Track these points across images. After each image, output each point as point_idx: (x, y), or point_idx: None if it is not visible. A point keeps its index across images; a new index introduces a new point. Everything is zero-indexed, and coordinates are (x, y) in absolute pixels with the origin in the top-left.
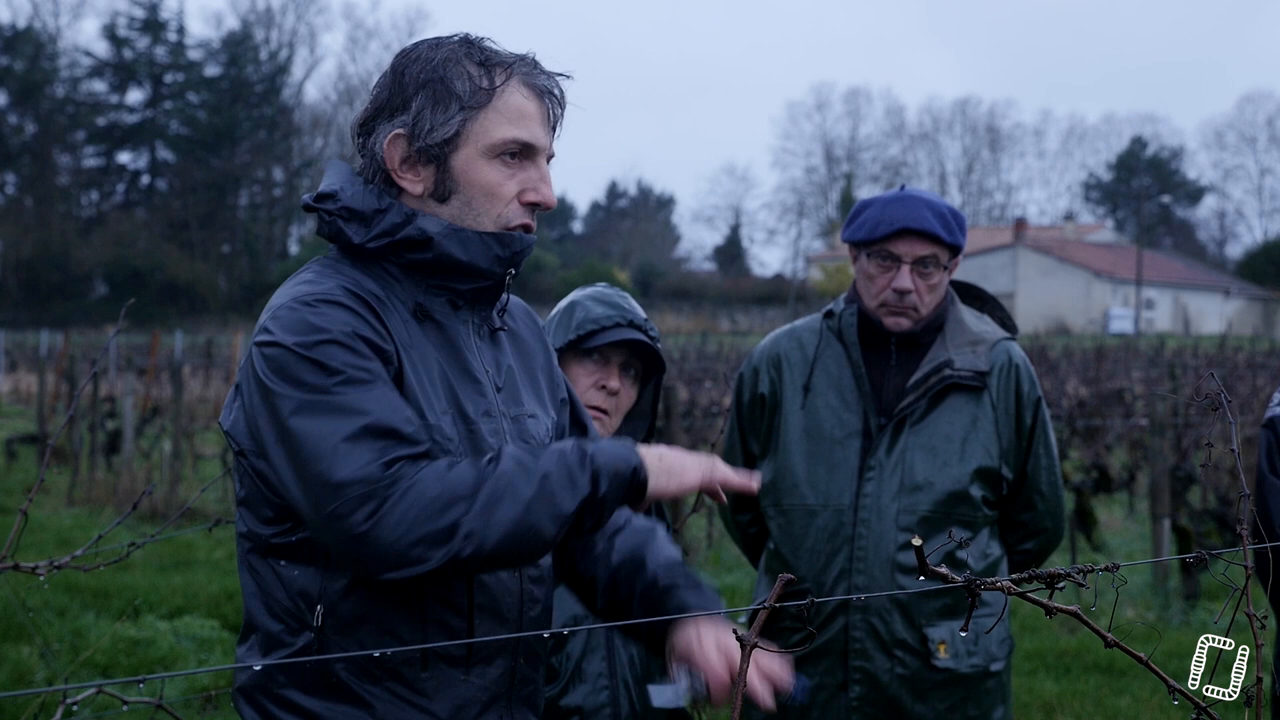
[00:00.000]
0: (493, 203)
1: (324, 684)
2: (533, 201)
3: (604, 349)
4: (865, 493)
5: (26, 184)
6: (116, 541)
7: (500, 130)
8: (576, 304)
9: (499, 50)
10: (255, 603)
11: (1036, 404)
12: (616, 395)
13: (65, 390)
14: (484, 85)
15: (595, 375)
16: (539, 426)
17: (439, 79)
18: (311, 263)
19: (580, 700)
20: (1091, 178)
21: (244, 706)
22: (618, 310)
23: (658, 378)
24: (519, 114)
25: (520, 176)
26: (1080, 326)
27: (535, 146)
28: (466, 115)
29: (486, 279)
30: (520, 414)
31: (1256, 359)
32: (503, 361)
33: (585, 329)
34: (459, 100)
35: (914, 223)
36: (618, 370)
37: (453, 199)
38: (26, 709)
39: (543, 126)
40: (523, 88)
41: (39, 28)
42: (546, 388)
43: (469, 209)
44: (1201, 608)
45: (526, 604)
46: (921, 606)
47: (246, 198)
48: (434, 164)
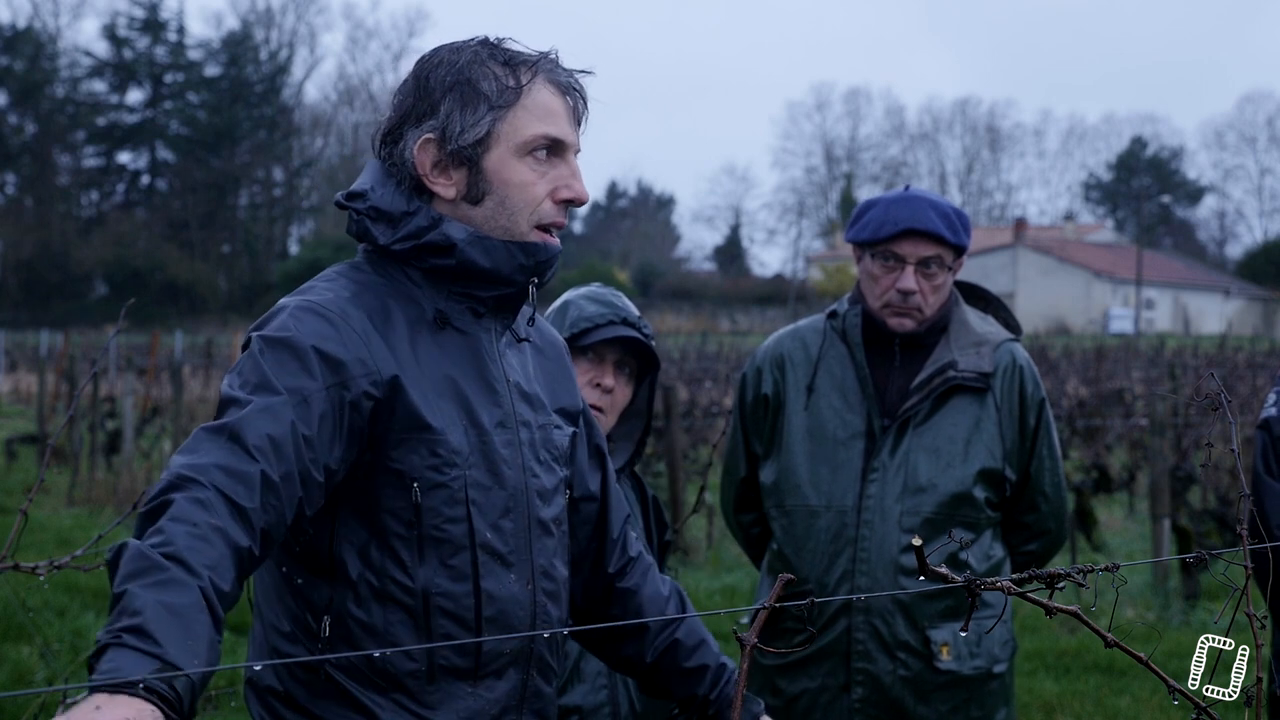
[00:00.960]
0: (527, 201)
1: (331, 692)
2: (566, 199)
3: (598, 347)
4: (869, 494)
5: (26, 184)
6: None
7: (530, 128)
8: (570, 303)
9: (521, 49)
10: (265, 606)
11: (1040, 405)
12: (611, 393)
13: (65, 390)
14: (511, 84)
15: (590, 373)
16: (563, 437)
17: (465, 80)
18: (331, 268)
19: (579, 699)
20: (1091, 178)
21: (254, 704)
22: (611, 308)
23: (653, 375)
24: (547, 111)
25: (552, 174)
26: (1080, 326)
27: (564, 142)
28: (496, 115)
29: (509, 287)
30: (547, 423)
31: (1256, 359)
32: (529, 371)
33: (579, 327)
34: (487, 100)
35: (918, 223)
36: (612, 368)
37: (486, 200)
38: (26, 709)
39: (570, 122)
40: (548, 85)
41: (39, 28)
42: (568, 406)
43: (503, 209)
44: (1201, 608)
45: (539, 618)
46: (924, 608)
47: (246, 198)
48: (466, 166)
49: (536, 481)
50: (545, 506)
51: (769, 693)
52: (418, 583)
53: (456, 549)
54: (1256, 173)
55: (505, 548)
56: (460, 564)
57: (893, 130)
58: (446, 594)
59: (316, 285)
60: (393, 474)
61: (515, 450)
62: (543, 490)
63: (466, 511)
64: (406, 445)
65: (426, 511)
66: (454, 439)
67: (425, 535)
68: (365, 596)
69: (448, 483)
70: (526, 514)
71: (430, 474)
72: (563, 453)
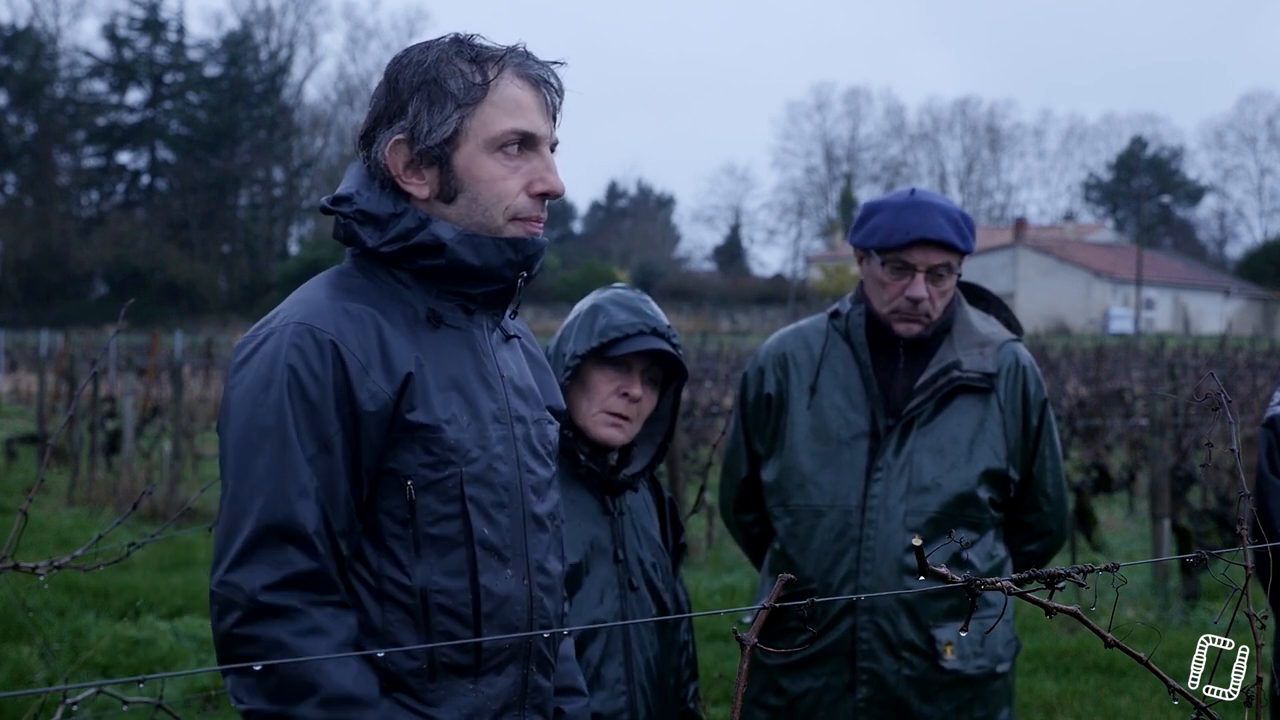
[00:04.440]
0: (500, 197)
1: None
2: (541, 192)
3: (627, 356)
4: (873, 494)
5: (26, 184)
6: (116, 541)
7: (498, 123)
8: (599, 308)
9: (489, 45)
10: None
11: (1043, 406)
12: (638, 403)
13: (65, 390)
14: (477, 81)
15: (617, 382)
16: (555, 432)
17: (432, 80)
18: (321, 276)
19: (598, 706)
20: (1091, 178)
21: None
22: (641, 317)
23: (678, 383)
24: (515, 105)
25: (525, 168)
26: (1080, 326)
27: (536, 136)
28: (463, 112)
29: (499, 283)
30: (540, 418)
31: (1256, 359)
32: (522, 366)
33: (609, 336)
34: (454, 99)
35: (930, 233)
36: (640, 377)
37: (459, 198)
38: (26, 709)
39: (541, 115)
40: (516, 79)
41: (39, 28)
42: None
43: (476, 205)
44: (1201, 608)
45: (536, 613)
46: (928, 608)
47: (246, 198)
48: (437, 165)
49: (531, 477)
50: (539, 501)
51: (773, 692)
52: (415, 581)
53: (453, 546)
54: (1256, 173)
55: (501, 544)
56: (457, 561)
57: (893, 130)
58: (445, 591)
59: (311, 298)
60: (387, 473)
61: (510, 445)
62: (537, 485)
63: (463, 508)
64: (401, 444)
65: (422, 510)
66: (451, 436)
67: (421, 533)
68: (364, 596)
69: (443, 480)
70: (522, 509)
71: (425, 472)
72: (555, 448)
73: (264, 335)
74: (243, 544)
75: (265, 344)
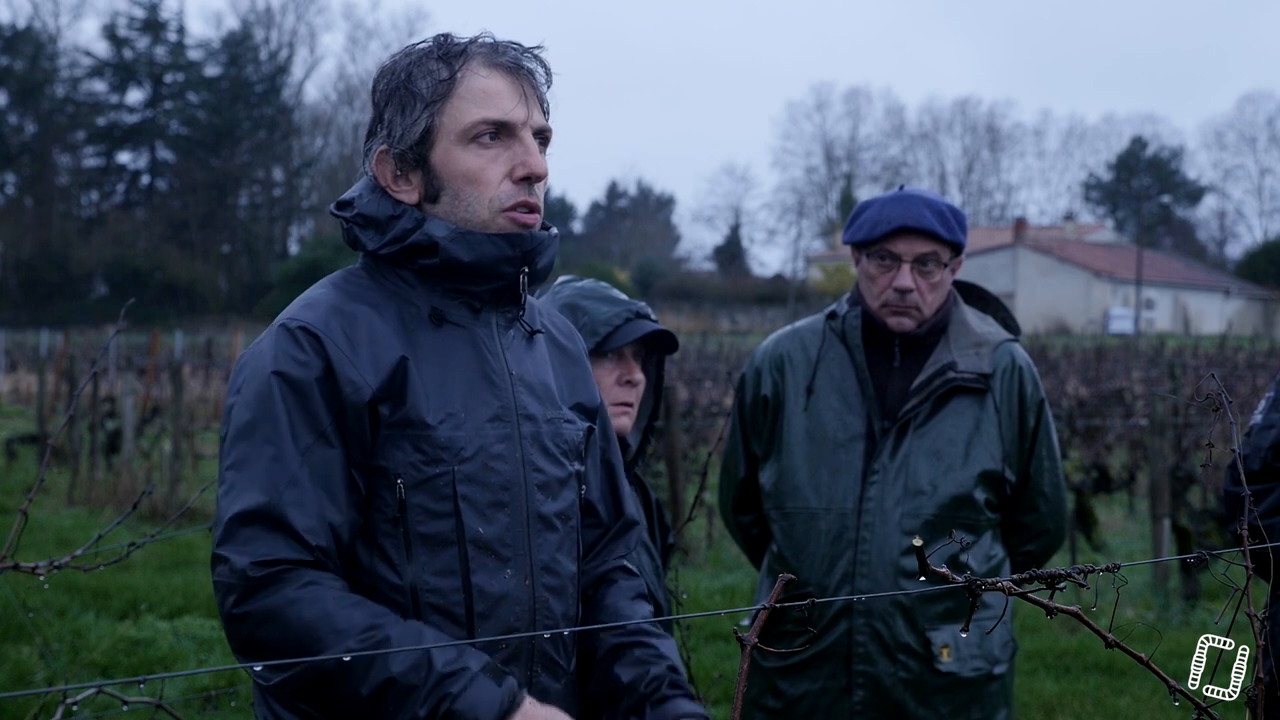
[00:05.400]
0: (480, 189)
1: None
2: (523, 176)
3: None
4: (869, 496)
5: (26, 184)
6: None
7: (467, 114)
8: (577, 307)
9: (459, 40)
10: None
11: (1039, 406)
12: (639, 385)
13: (65, 390)
14: (444, 76)
15: (617, 372)
16: (574, 431)
17: (402, 84)
18: (329, 277)
19: None
20: (1091, 178)
21: (258, 703)
22: (620, 305)
23: (659, 354)
24: (484, 95)
25: (504, 156)
26: (1080, 326)
27: (509, 123)
28: (432, 110)
29: (499, 280)
30: (556, 416)
31: (1256, 359)
32: (539, 364)
33: (602, 332)
34: (422, 99)
35: (912, 220)
36: (634, 360)
37: (442, 196)
38: (27, 709)
39: (516, 101)
40: (483, 69)
41: (39, 28)
42: (585, 402)
43: (459, 201)
44: (1201, 608)
45: (540, 614)
46: (924, 610)
47: (246, 198)
48: (419, 168)
49: (539, 475)
50: (548, 500)
51: (771, 695)
52: (406, 580)
53: (445, 545)
54: (1256, 173)
55: (500, 543)
56: (449, 560)
57: (893, 130)
58: (435, 590)
59: (312, 299)
60: (377, 470)
61: (513, 444)
62: (545, 484)
63: (454, 507)
64: (391, 442)
65: (412, 508)
66: (443, 434)
67: (412, 532)
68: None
69: (434, 478)
70: (525, 508)
71: (415, 470)
72: (574, 447)
73: (260, 338)
74: (232, 525)
75: (260, 345)
